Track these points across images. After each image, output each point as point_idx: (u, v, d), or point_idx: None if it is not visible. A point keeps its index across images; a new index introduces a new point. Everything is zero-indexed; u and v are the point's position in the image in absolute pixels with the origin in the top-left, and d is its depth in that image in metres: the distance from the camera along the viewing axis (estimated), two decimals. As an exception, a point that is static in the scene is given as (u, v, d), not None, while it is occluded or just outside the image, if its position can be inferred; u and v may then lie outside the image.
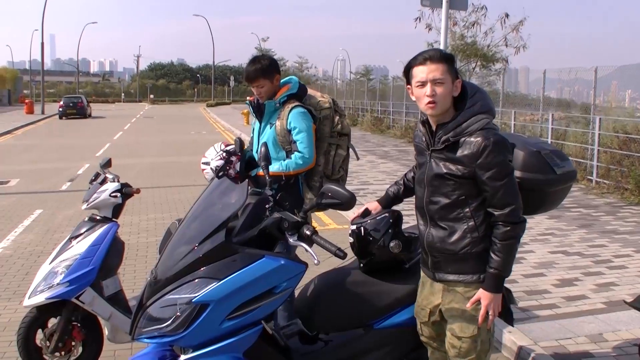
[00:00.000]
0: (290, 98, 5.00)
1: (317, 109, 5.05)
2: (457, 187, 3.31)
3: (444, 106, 3.29)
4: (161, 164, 19.26)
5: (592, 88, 15.03)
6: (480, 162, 3.21)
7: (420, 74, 3.29)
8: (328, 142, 5.07)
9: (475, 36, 25.10)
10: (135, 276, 7.50)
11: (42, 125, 40.83)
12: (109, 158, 5.49)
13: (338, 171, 5.16)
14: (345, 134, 5.20)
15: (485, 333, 3.44)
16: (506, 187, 3.24)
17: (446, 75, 3.26)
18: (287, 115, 4.89)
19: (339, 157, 5.16)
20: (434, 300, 3.54)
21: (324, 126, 5.06)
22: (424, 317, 3.63)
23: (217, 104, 78.66)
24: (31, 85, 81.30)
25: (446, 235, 3.39)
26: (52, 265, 4.78)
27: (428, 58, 3.28)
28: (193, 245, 3.32)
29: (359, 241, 3.76)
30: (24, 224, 10.64)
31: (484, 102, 3.36)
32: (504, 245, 3.27)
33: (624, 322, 5.81)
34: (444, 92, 3.26)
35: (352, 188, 12.75)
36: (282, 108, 4.97)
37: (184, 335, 3.15)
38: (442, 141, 3.32)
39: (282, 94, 4.99)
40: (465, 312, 3.39)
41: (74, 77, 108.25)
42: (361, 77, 75.49)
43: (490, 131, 3.26)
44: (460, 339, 3.42)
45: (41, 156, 21.73)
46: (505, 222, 3.25)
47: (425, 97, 3.28)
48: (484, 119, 3.29)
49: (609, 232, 9.50)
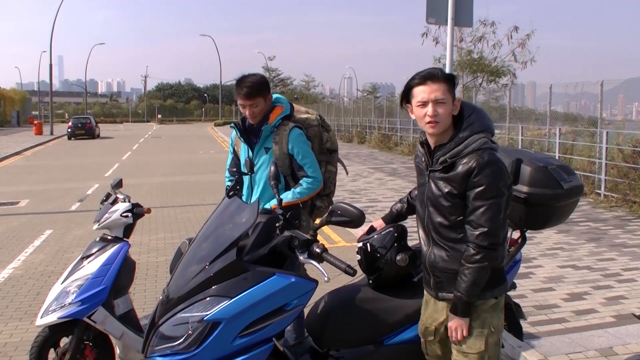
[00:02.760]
0: (284, 119, 4.83)
1: (305, 126, 4.92)
2: (455, 208, 3.31)
3: (444, 125, 3.31)
4: (170, 183, 19.31)
5: (598, 102, 15.05)
6: (470, 180, 3.22)
7: (422, 93, 3.30)
8: (318, 159, 4.91)
9: (482, 52, 25.19)
10: (146, 295, 7.53)
11: (51, 146, 40.99)
12: (120, 178, 5.54)
13: (328, 187, 5.08)
14: (334, 150, 5.13)
15: (493, 348, 3.43)
16: (488, 209, 3.19)
17: (447, 95, 3.28)
18: (286, 138, 4.73)
19: (329, 173, 5.06)
20: (439, 318, 3.55)
21: (313, 143, 4.96)
22: (430, 336, 3.63)
23: (224, 123, 78.75)
24: (40, 106, 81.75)
25: (447, 255, 3.39)
26: (64, 285, 4.82)
27: (429, 78, 3.30)
28: (204, 264, 3.36)
29: (366, 257, 3.79)
30: (35, 245, 10.67)
31: (481, 121, 3.35)
32: (468, 269, 3.24)
33: (634, 335, 5.80)
34: (445, 112, 3.28)
35: (360, 205, 12.77)
36: (276, 131, 4.79)
37: (196, 353, 3.17)
38: (440, 162, 3.33)
39: (277, 117, 4.79)
40: (472, 328, 3.38)
41: (82, 97, 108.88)
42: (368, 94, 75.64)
43: (486, 151, 3.23)
44: (467, 356, 3.41)
45: (51, 177, 21.81)
46: (474, 245, 3.21)
47: (426, 117, 3.29)
48: (481, 138, 3.28)
49: (618, 246, 9.49)
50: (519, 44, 24.50)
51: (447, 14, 11.28)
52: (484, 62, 25.23)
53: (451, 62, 11.33)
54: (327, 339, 3.86)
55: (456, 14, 11.45)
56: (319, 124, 5.06)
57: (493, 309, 3.41)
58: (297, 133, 4.76)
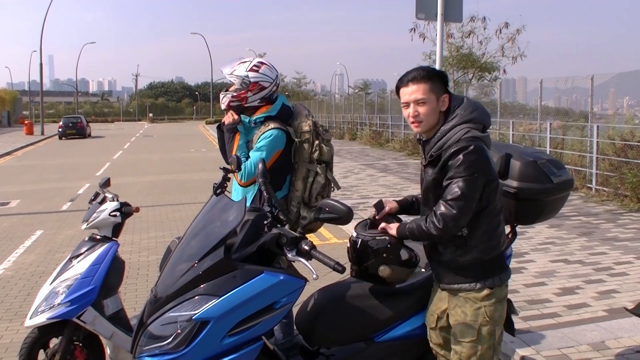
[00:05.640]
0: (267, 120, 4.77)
1: (297, 131, 4.78)
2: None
3: (429, 123, 3.42)
4: (161, 182, 19.26)
5: (589, 96, 15.07)
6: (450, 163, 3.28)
7: (405, 95, 3.45)
8: (307, 167, 4.77)
9: (471, 47, 25.21)
10: (137, 295, 7.50)
11: (42, 146, 40.87)
12: (107, 177, 5.50)
13: (316, 199, 4.82)
14: (324, 161, 4.84)
15: (487, 339, 3.45)
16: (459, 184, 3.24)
17: (429, 94, 3.38)
18: (258, 137, 4.72)
19: (317, 184, 4.80)
20: (442, 306, 3.59)
21: (303, 150, 4.76)
22: (432, 323, 3.66)
23: (216, 122, 78.40)
24: (30, 106, 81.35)
25: (439, 247, 3.48)
26: (53, 286, 4.79)
27: (410, 79, 3.43)
28: (193, 263, 3.34)
29: (353, 251, 3.75)
30: (25, 245, 10.64)
31: (463, 112, 3.40)
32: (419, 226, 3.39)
33: (626, 329, 5.80)
34: (426, 111, 3.39)
35: (352, 202, 12.80)
36: (258, 128, 4.78)
37: (185, 353, 3.15)
38: (429, 156, 3.42)
39: (260, 114, 4.77)
40: (467, 316, 3.43)
41: (73, 97, 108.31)
42: (359, 91, 75.49)
43: (469, 139, 3.30)
44: (461, 344, 3.46)
45: (41, 177, 21.75)
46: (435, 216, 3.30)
47: (410, 117, 3.44)
48: (463, 129, 3.33)
49: (610, 240, 9.50)
50: (508, 39, 24.53)
51: (437, 9, 11.28)
52: (473, 58, 25.24)
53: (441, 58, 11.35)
54: (318, 337, 3.85)
55: (446, 9, 11.46)
56: (311, 131, 4.80)
57: (488, 298, 3.42)
58: (271, 133, 4.67)
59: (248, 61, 4.78)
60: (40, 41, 51.75)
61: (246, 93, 4.73)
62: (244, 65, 4.74)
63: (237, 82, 4.73)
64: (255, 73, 4.73)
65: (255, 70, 4.74)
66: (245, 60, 4.81)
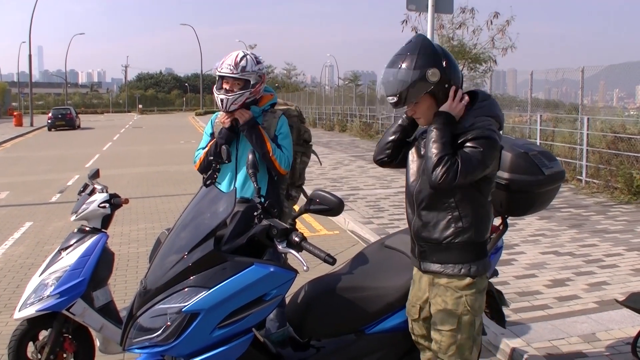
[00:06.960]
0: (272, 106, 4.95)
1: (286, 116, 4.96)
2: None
3: (429, 118, 3.40)
4: (151, 173, 19.21)
5: (579, 88, 15.09)
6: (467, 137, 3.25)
7: None
8: (295, 149, 4.97)
9: (462, 38, 25.15)
10: (127, 287, 7.47)
11: (31, 138, 40.72)
12: (97, 169, 5.46)
13: (299, 177, 5.16)
14: (309, 141, 5.26)
15: (467, 328, 3.42)
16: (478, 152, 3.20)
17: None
18: (275, 123, 4.80)
19: (303, 164, 5.20)
20: (422, 296, 3.57)
21: (292, 133, 4.96)
22: (415, 314, 3.64)
23: (205, 113, 78.56)
24: (19, 97, 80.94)
25: (431, 224, 3.42)
26: (42, 278, 4.75)
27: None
28: (182, 254, 3.31)
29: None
30: (14, 237, 10.59)
31: (490, 107, 3.41)
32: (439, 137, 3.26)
33: (616, 321, 5.82)
34: (422, 107, 3.39)
35: (342, 194, 12.80)
36: (265, 117, 4.84)
37: (175, 345, 3.13)
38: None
39: (267, 103, 4.90)
40: (447, 304, 3.41)
41: (62, 88, 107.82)
42: (349, 82, 75.33)
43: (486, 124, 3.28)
44: (440, 332, 3.44)
45: (31, 168, 21.66)
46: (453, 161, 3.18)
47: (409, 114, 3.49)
48: (486, 120, 3.31)
49: (600, 232, 9.53)
50: (498, 30, 24.48)
51: (428, 0, 11.26)
52: (464, 49, 25.18)
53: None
54: (308, 329, 3.84)
55: (436, 0, 11.44)
56: (298, 115, 5.16)
57: (469, 288, 3.40)
58: (284, 120, 4.86)
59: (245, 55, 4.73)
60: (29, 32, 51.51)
61: (260, 86, 4.78)
62: (248, 61, 4.69)
63: (252, 77, 4.67)
64: (261, 65, 4.78)
65: (260, 62, 4.79)
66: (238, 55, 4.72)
